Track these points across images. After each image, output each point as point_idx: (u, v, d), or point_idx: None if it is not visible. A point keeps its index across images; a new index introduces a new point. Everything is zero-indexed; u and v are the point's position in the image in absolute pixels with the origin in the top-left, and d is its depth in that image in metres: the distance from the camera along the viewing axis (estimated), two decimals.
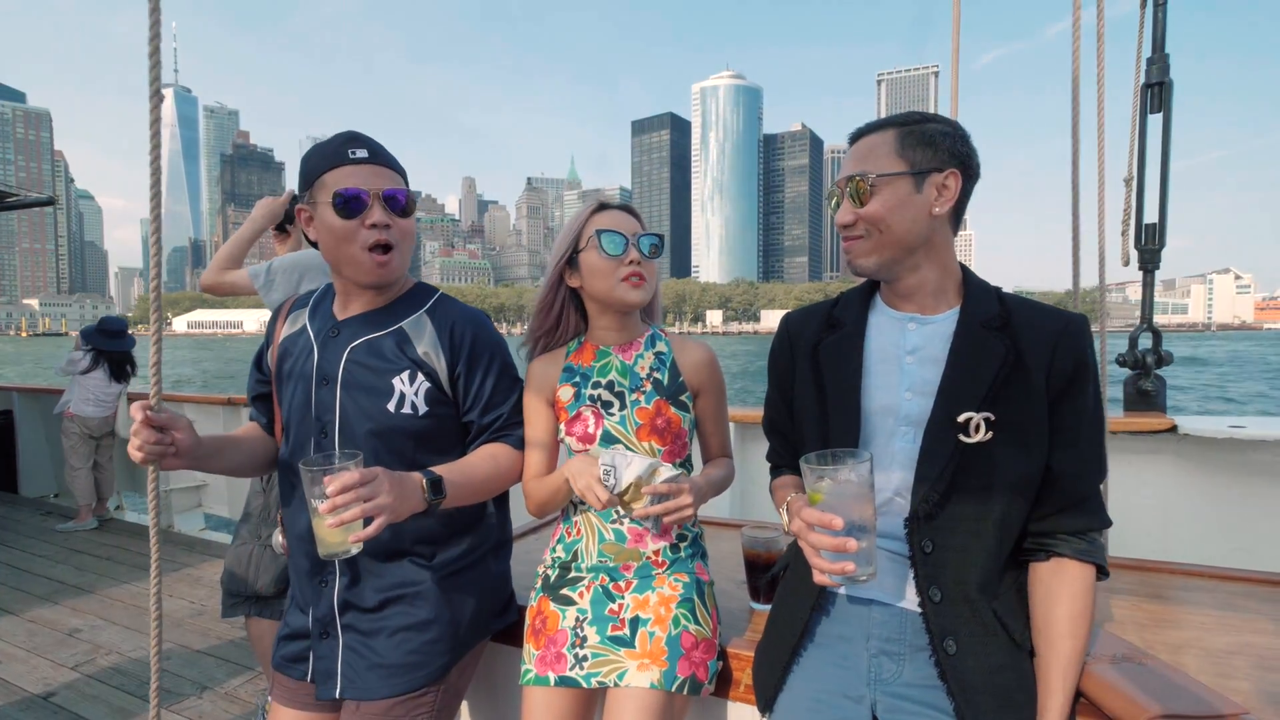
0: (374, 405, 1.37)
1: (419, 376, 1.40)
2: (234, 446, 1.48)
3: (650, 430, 1.41)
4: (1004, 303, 1.19)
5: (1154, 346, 2.62)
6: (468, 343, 1.44)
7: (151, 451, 1.23)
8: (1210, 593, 1.67)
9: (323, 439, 1.39)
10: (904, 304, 1.24)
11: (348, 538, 1.15)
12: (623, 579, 1.42)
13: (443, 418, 1.44)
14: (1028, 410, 1.11)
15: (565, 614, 1.42)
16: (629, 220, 1.45)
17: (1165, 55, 2.49)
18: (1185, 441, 2.53)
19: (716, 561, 1.63)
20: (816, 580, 1.05)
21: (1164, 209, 2.52)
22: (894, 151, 1.16)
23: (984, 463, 1.11)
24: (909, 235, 1.16)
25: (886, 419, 1.20)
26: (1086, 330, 1.16)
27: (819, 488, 1.05)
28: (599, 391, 1.45)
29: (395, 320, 1.44)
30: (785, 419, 1.36)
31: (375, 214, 1.33)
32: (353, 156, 1.35)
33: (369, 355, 1.40)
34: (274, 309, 1.97)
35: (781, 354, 1.37)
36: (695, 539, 1.52)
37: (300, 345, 1.47)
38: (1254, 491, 2.49)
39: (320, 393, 1.40)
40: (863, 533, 1.02)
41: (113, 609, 3.64)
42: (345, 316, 1.46)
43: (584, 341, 1.53)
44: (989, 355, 1.13)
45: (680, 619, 1.37)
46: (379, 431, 1.37)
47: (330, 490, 1.10)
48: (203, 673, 2.98)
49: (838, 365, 1.25)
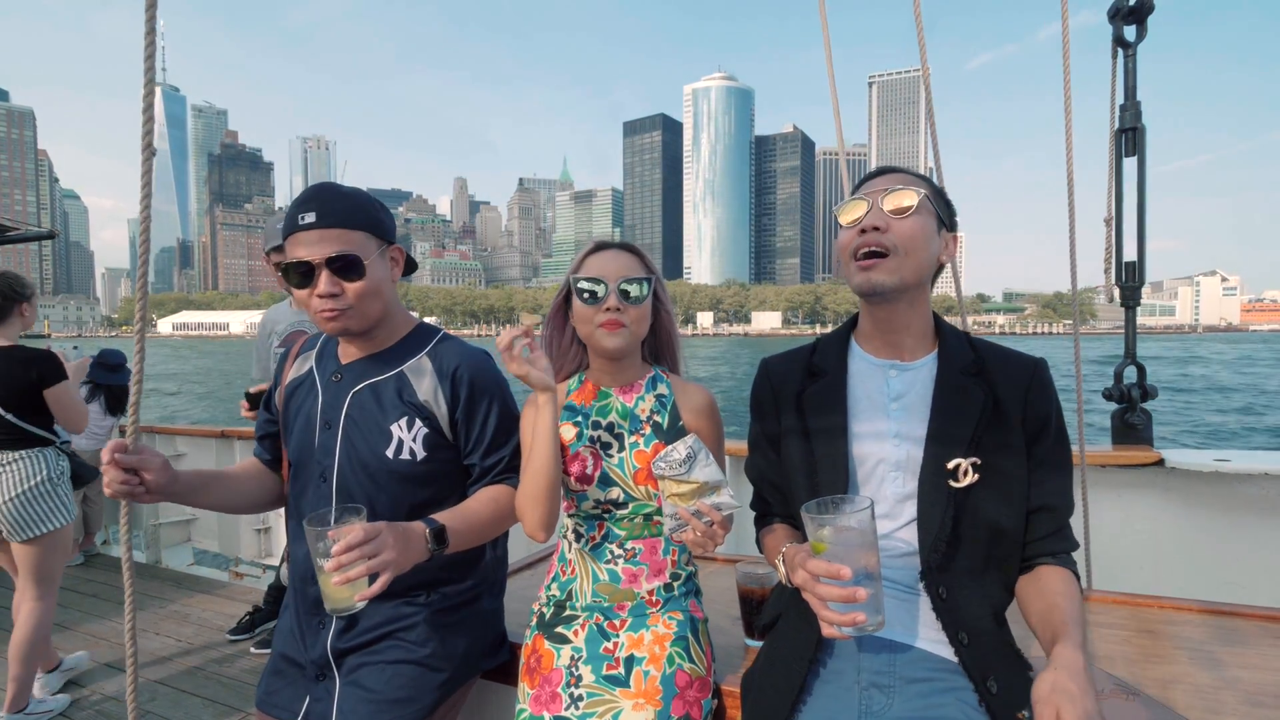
0: (372, 451, 1.39)
1: (417, 423, 1.41)
2: (220, 483, 1.48)
3: (648, 474, 1.40)
4: (975, 348, 1.25)
5: (1139, 380, 2.66)
6: (466, 385, 1.44)
7: (120, 490, 1.24)
8: (1199, 627, 1.69)
9: (322, 483, 1.40)
10: (883, 349, 1.27)
11: (353, 595, 1.16)
12: (617, 618, 1.43)
13: (443, 461, 1.44)
14: (1007, 453, 1.16)
15: (560, 652, 1.42)
16: (618, 263, 1.43)
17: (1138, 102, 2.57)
18: (1172, 475, 2.56)
19: (710, 598, 1.64)
20: (826, 633, 1.04)
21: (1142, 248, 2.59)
22: (927, 195, 1.22)
23: (976, 507, 1.15)
24: (922, 268, 1.20)
25: (875, 465, 1.22)
26: (1048, 376, 1.24)
27: (822, 536, 1.03)
28: (599, 433, 1.45)
29: (396, 364, 1.46)
30: (773, 467, 1.35)
31: (321, 284, 1.34)
32: (301, 223, 1.34)
33: (370, 400, 1.42)
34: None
35: (765, 401, 1.37)
36: (689, 577, 1.52)
37: (306, 388, 1.50)
38: (1240, 524, 2.52)
39: (322, 436, 1.42)
40: (870, 580, 1.01)
41: (96, 647, 3.52)
42: (348, 361, 1.48)
43: (585, 380, 1.53)
44: (970, 401, 1.18)
45: (675, 657, 1.38)
46: (377, 476, 1.39)
47: (335, 550, 1.11)
48: (188, 713, 2.91)
49: (824, 413, 1.26)
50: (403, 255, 1.51)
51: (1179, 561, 2.51)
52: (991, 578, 1.18)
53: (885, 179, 1.25)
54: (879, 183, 1.24)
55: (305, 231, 1.34)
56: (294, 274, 1.35)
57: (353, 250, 1.35)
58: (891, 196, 1.20)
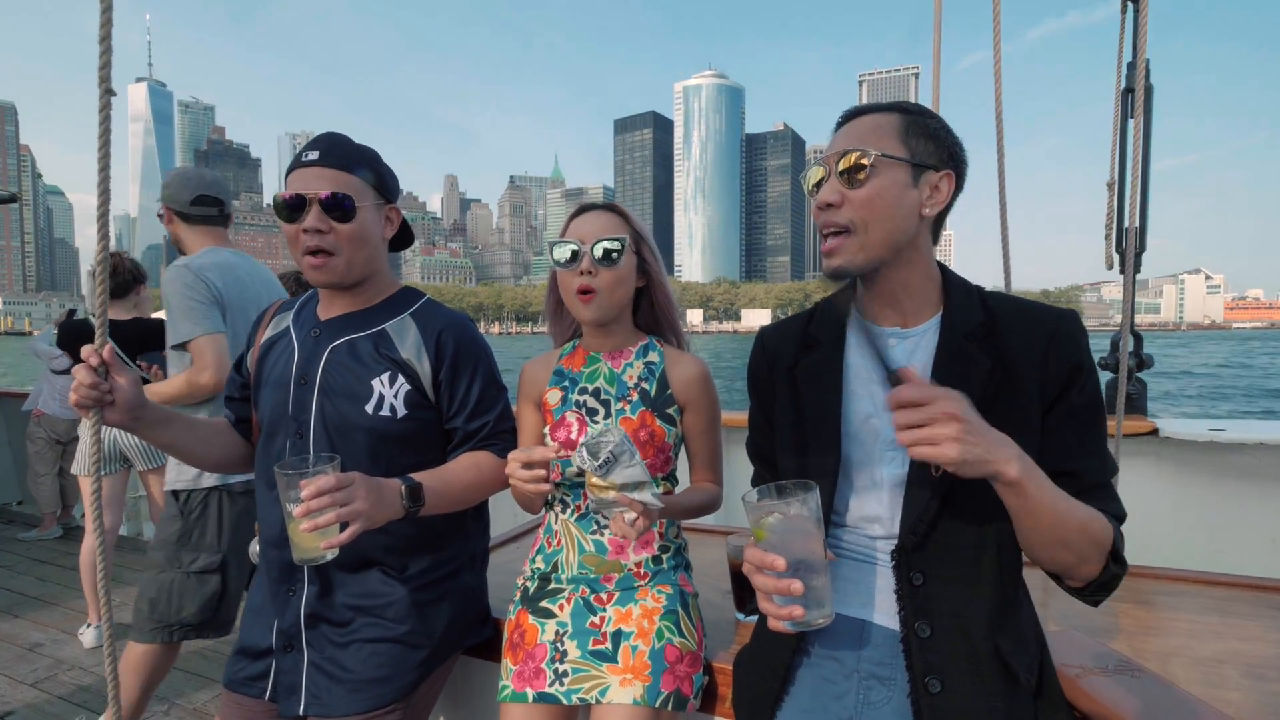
0: (351, 406, 1.35)
1: (399, 378, 1.37)
2: (188, 426, 1.42)
3: (633, 441, 1.34)
4: (988, 307, 1.09)
5: (1135, 349, 2.63)
6: (452, 347, 1.41)
7: (88, 395, 1.19)
8: (1195, 598, 1.66)
9: (298, 440, 1.36)
10: (884, 315, 1.15)
11: (321, 543, 1.13)
12: (604, 591, 1.38)
13: (423, 422, 1.40)
14: (1018, 425, 0.99)
15: (545, 627, 1.37)
16: (595, 223, 1.39)
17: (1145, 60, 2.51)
18: (1166, 444, 2.55)
19: (701, 571, 1.59)
20: (771, 627, 0.97)
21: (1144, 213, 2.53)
22: (897, 135, 1.06)
23: (975, 487, 0.99)
24: (896, 234, 1.06)
25: (872, 443, 1.11)
26: (1078, 328, 1.07)
27: (764, 524, 0.96)
28: (585, 398, 1.41)
29: (378, 322, 1.42)
30: (769, 443, 1.27)
31: (310, 219, 1.30)
32: (304, 159, 1.33)
33: (349, 356, 1.38)
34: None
35: (760, 374, 1.29)
36: (679, 550, 1.48)
37: (281, 346, 1.44)
38: (1234, 494, 2.51)
39: (298, 392, 1.37)
40: (811, 573, 0.93)
41: (77, 622, 3.47)
42: (328, 317, 1.43)
43: (578, 345, 1.50)
44: (973, 371, 1.04)
45: (664, 632, 1.33)
46: (355, 433, 1.35)
47: (305, 494, 1.08)
48: (170, 688, 2.86)
49: (816, 388, 1.16)
50: (399, 219, 1.47)
51: (1171, 531, 2.50)
52: (989, 570, 1.04)
53: (844, 132, 1.09)
54: (837, 138, 1.10)
55: (306, 168, 1.32)
56: (285, 208, 1.31)
57: (348, 191, 1.33)
58: (844, 160, 1.05)
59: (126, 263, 3.38)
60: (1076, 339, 1.05)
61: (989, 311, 1.09)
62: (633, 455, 1.17)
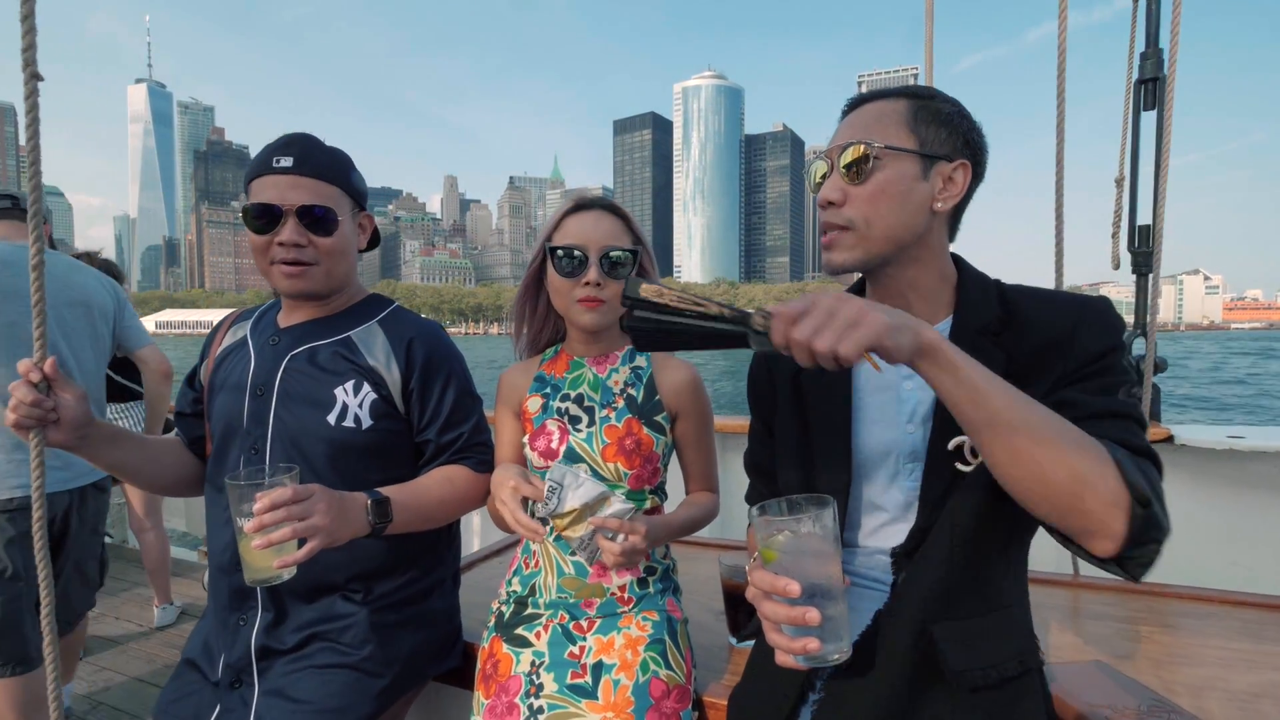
0: (312, 417, 1.25)
1: (365, 387, 1.27)
2: (138, 445, 1.31)
3: (618, 450, 1.27)
4: (1006, 302, 0.99)
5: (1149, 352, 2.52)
6: (423, 355, 1.32)
7: (28, 415, 1.07)
8: (1223, 620, 1.55)
9: (253, 454, 1.26)
10: None
11: (274, 561, 1.01)
12: (584, 617, 1.27)
13: (391, 433, 1.30)
14: None
15: (519, 657, 1.26)
16: (600, 227, 1.29)
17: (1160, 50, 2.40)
18: (1182, 452, 2.43)
19: (692, 588, 1.48)
20: (779, 661, 0.84)
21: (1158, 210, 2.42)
22: (905, 123, 0.96)
23: (980, 487, 0.92)
24: (902, 230, 0.96)
25: (887, 458, 1.01)
26: (1109, 312, 0.94)
27: (773, 544, 0.84)
28: (567, 405, 1.33)
29: (343, 329, 1.33)
30: (768, 457, 1.17)
31: (286, 231, 1.21)
32: (276, 165, 1.23)
33: (309, 364, 1.28)
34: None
35: (760, 380, 1.18)
36: (666, 571, 1.36)
37: (238, 356, 1.35)
38: (1254, 505, 2.39)
39: (254, 403, 1.28)
40: (827, 600, 0.81)
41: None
42: (289, 324, 1.35)
43: (560, 350, 1.40)
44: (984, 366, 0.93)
45: (649, 663, 1.22)
46: (316, 445, 1.24)
47: (258, 508, 0.97)
48: (143, 705, 2.73)
49: (824, 398, 1.05)
50: (371, 225, 1.41)
51: (1190, 545, 2.38)
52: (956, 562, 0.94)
53: (847, 122, 1.00)
54: (841, 129, 1.01)
55: (279, 175, 1.22)
56: (254, 218, 1.21)
57: (328, 204, 1.25)
58: (845, 153, 0.96)
59: (98, 262, 3.22)
60: (1108, 322, 0.93)
61: (1007, 306, 0.98)
62: (576, 476, 1.08)
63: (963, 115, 0.97)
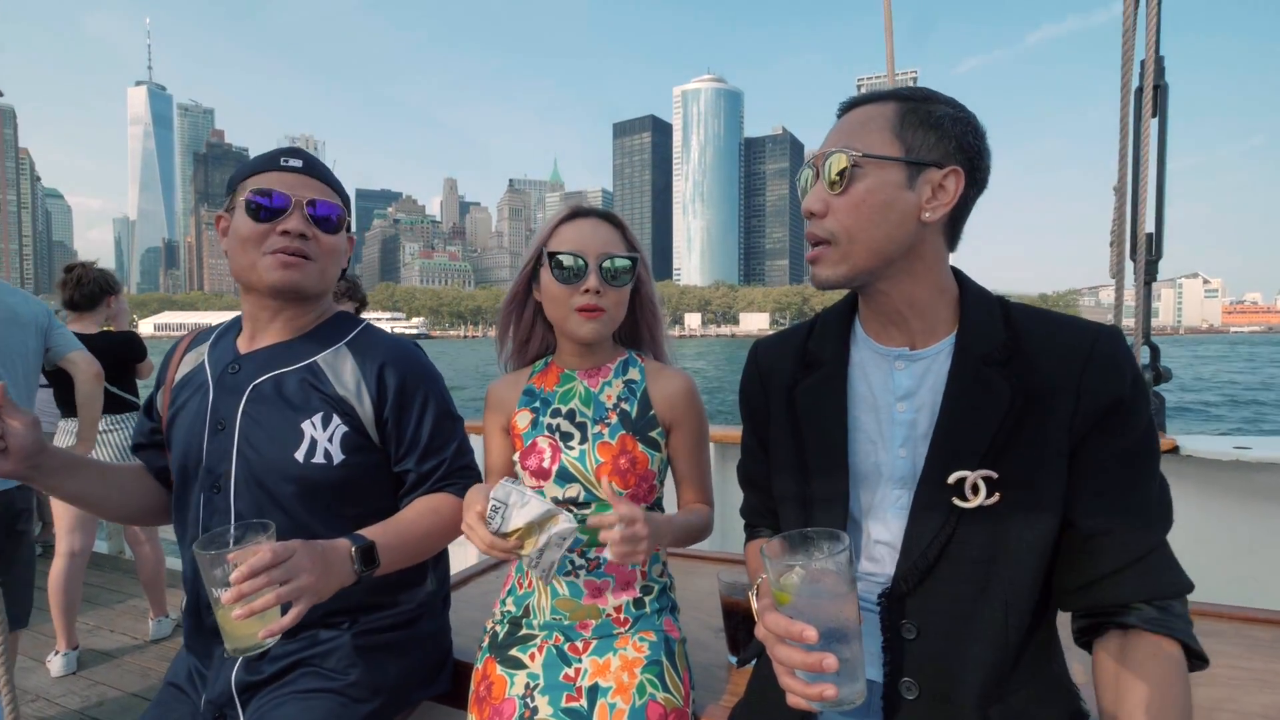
0: (278, 454, 1.17)
1: (334, 419, 1.20)
2: (98, 474, 1.24)
3: (613, 470, 1.23)
4: (1012, 324, 0.94)
5: (1152, 362, 2.50)
6: (396, 381, 1.24)
7: None
8: (1234, 639, 1.52)
9: (214, 494, 1.18)
10: (889, 333, 1.00)
11: (259, 631, 0.94)
12: (579, 639, 1.24)
13: (364, 467, 1.23)
14: (1042, 463, 0.87)
15: (514, 680, 1.23)
16: (598, 235, 1.26)
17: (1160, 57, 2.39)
18: (1187, 463, 2.40)
19: (690, 605, 1.45)
20: (791, 703, 0.80)
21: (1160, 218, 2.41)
22: (890, 129, 0.91)
23: (985, 531, 0.88)
24: (887, 243, 0.91)
25: (878, 480, 0.98)
26: (1120, 349, 0.89)
27: (787, 585, 0.80)
28: (558, 421, 1.28)
29: (307, 354, 1.25)
30: (763, 472, 1.13)
31: (293, 221, 1.17)
32: (284, 164, 1.20)
33: (274, 395, 1.21)
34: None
35: (754, 394, 1.14)
36: (664, 590, 1.33)
37: (194, 385, 1.26)
38: (1263, 517, 2.36)
39: (214, 440, 1.20)
40: (844, 642, 0.78)
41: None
42: (250, 350, 1.26)
43: (550, 362, 1.37)
44: (990, 400, 0.89)
45: (646, 686, 1.19)
46: (284, 485, 1.17)
47: (236, 576, 0.90)
48: None
49: (819, 415, 1.02)
50: (351, 247, 1.38)
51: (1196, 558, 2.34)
52: (993, 628, 0.89)
53: (836, 127, 0.96)
54: (830, 134, 0.97)
55: (287, 172, 1.20)
56: (259, 207, 1.15)
57: (336, 204, 1.23)
58: (827, 168, 0.92)
59: (93, 273, 3.22)
60: (1118, 363, 0.88)
61: (1013, 329, 0.93)
62: (522, 493, 1.02)
63: (958, 119, 0.91)
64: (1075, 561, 0.88)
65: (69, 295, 3.16)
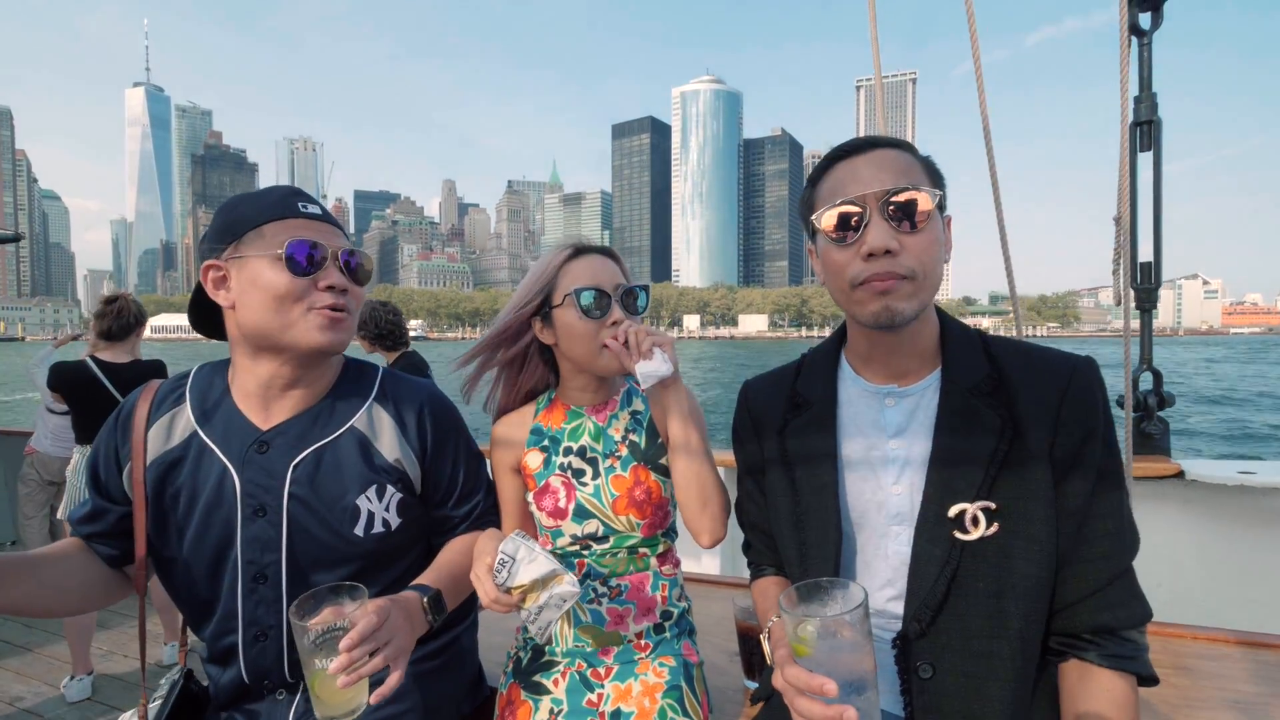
0: (336, 537, 1.14)
1: (389, 489, 1.18)
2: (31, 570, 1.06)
3: (629, 503, 1.26)
4: (993, 356, 0.98)
5: (1155, 388, 2.54)
6: (432, 431, 1.24)
7: None
8: (1238, 663, 1.55)
9: (259, 586, 1.13)
10: (878, 371, 1.03)
11: (362, 695, 0.93)
12: (601, 665, 1.28)
13: (416, 522, 1.25)
14: (1034, 491, 0.91)
15: (538, 705, 1.27)
16: (607, 268, 1.27)
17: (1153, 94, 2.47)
18: (1192, 488, 2.43)
19: (706, 628, 1.48)
20: None
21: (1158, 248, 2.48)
22: (925, 176, 0.96)
23: (990, 562, 0.90)
24: (939, 281, 0.97)
25: (873, 518, 1.00)
26: (1094, 379, 0.95)
27: (803, 636, 0.81)
28: (570, 459, 1.29)
29: (341, 420, 1.18)
30: (761, 512, 1.15)
31: (333, 275, 1.12)
32: (304, 210, 1.13)
33: (320, 472, 1.14)
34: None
35: (747, 438, 1.17)
36: (682, 614, 1.36)
37: (193, 466, 1.14)
38: (1267, 542, 2.39)
39: (251, 528, 1.12)
40: (861, 693, 0.79)
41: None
42: (272, 425, 1.16)
43: (554, 399, 1.36)
44: (982, 431, 0.93)
45: (667, 711, 1.23)
46: (346, 564, 1.15)
47: (346, 644, 0.89)
48: None
49: (810, 456, 1.04)
50: None
51: (1201, 583, 2.38)
52: (1012, 661, 0.90)
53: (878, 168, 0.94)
54: (868, 171, 0.94)
55: (311, 220, 1.13)
56: (302, 261, 1.08)
57: (361, 253, 1.17)
58: (900, 198, 0.91)
59: (131, 305, 3.28)
60: (1092, 395, 0.94)
61: (994, 362, 0.97)
62: (531, 548, 1.03)
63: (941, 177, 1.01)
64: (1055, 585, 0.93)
65: (107, 326, 3.20)
